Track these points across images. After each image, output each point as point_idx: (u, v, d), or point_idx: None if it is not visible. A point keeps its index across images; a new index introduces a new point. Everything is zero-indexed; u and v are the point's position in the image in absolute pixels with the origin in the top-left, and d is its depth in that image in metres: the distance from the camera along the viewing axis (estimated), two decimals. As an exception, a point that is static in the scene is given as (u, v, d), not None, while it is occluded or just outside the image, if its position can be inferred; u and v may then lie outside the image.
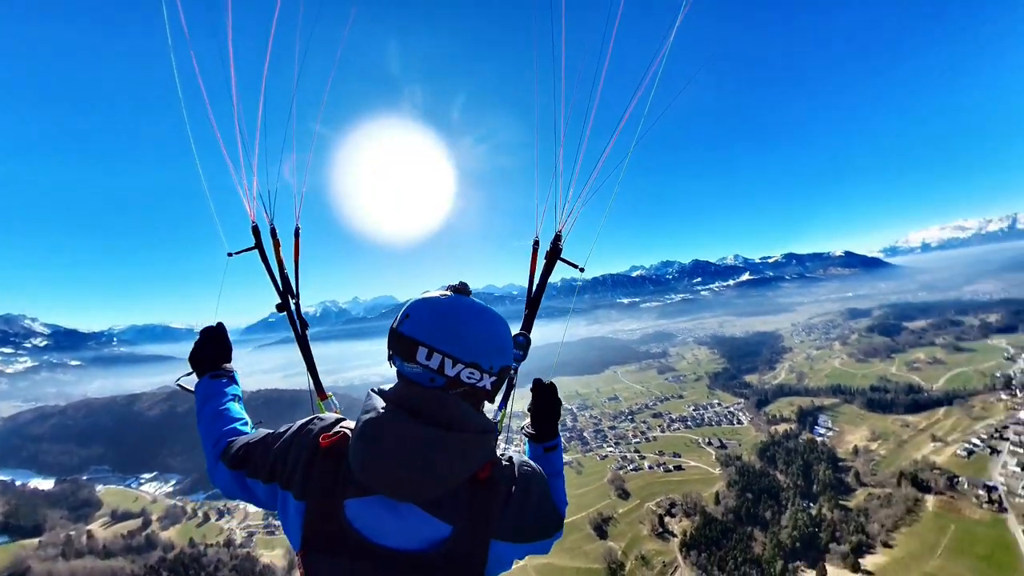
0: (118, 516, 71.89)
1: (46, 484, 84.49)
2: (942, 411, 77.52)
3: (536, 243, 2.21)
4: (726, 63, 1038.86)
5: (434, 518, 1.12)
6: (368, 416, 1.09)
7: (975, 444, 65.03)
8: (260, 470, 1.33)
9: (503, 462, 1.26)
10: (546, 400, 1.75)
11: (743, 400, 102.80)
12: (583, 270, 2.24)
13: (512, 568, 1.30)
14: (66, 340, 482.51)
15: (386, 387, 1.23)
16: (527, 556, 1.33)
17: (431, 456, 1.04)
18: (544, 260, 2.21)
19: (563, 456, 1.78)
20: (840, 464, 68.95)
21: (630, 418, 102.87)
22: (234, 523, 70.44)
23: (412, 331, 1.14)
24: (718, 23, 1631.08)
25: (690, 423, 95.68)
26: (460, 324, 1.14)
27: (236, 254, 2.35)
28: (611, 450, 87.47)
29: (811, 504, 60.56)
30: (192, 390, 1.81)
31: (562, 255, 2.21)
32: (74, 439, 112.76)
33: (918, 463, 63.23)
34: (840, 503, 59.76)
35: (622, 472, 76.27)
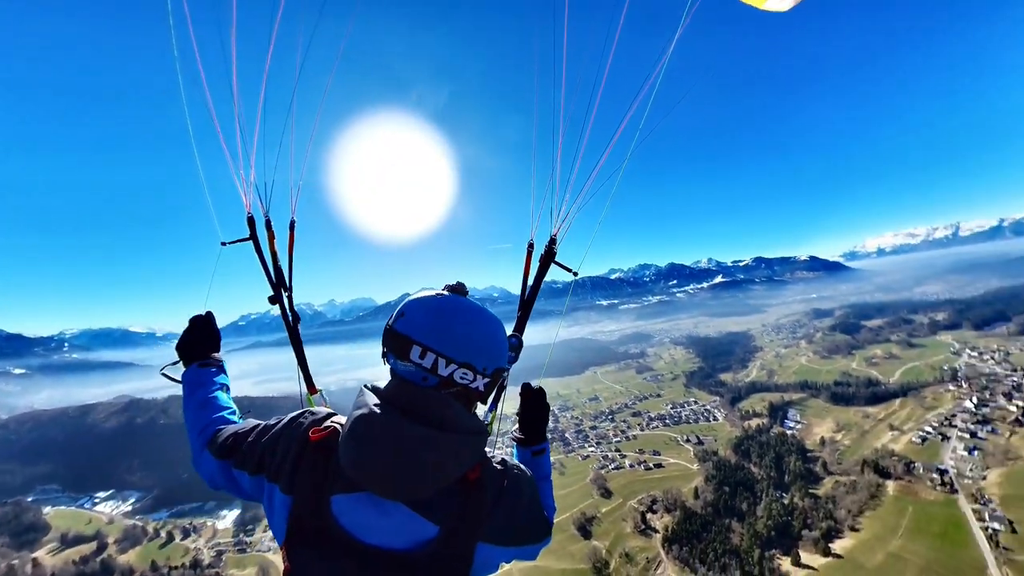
0: (68, 540, 66.51)
1: (-16, 507, 77.71)
2: (898, 402, 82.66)
3: (531, 246, 2.21)
4: (698, 77, 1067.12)
5: (421, 518, 1.10)
6: (360, 412, 1.07)
7: (928, 432, 69.73)
8: (247, 461, 1.31)
9: (493, 464, 1.25)
10: (534, 405, 1.76)
11: (718, 398, 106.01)
12: (576, 274, 2.27)
13: (498, 571, 1.27)
14: (8, 346, 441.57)
15: (379, 384, 1.20)
16: (513, 560, 1.31)
17: (422, 455, 1.02)
18: (538, 263, 2.22)
19: (550, 460, 1.79)
20: (809, 455, 72.14)
21: (610, 418, 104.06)
22: (201, 542, 66.52)
23: (407, 329, 1.12)
24: (702, 39, 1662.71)
25: (668, 421, 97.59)
26: (455, 324, 1.13)
27: (230, 244, 2.32)
28: (593, 450, 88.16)
29: (784, 494, 62.97)
30: (178, 379, 1.78)
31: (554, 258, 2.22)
32: (18, 456, 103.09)
33: (878, 451, 67.11)
34: (810, 492, 62.51)
35: (604, 471, 76.96)
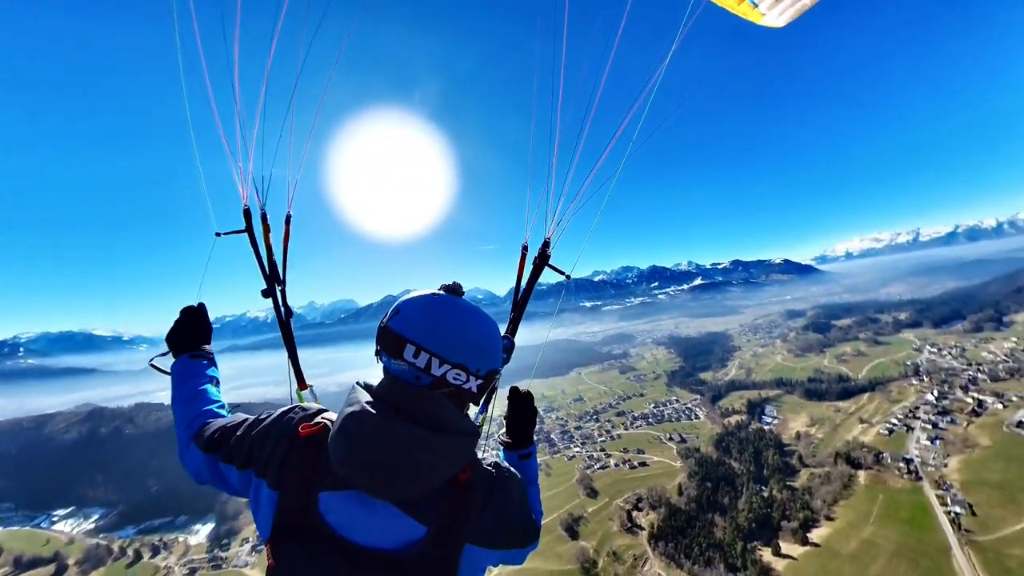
0: (23, 564, 61.87)
1: (-73, 530, 71.83)
2: (866, 397, 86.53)
3: (525, 248, 2.23)
4: (688, 89, 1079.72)
5: (409, 518, 1.09)
6: (351, 409, 1.06)
7: (894, 424, 73.30)
8: (235, 455, 1.29)
9: (483, 466, 1.24)
10: (522, 408, 1.76)
11: (699, 396, 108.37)
12: (569, 277, 2.29)
13: (485, 575, 1.26)
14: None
15: (372, 382, 1.18)
16: (500, 564, 1.30)
17: (413, 455, 1.01)
18: (532, 265, 2.22)
19: (537, 464, 1.78)
20: (785, 449, 74.60)
21: (595, 418, 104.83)
22: (173, 559, 63.19)
23: (401, 328, 1.11)
24: (694, 52, 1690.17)
25: (651, 420, 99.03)
26: (449, 324, 1.12)
27: (225, 235, 2.27)
28: (578, 450, 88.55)
29: (763, 487, 64.80)
30: (167, 371, 1.74)
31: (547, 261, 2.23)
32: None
33: (850, 443, 70.09)
34: (787, 484, 64.56)
35: (589, 471, 77.41)
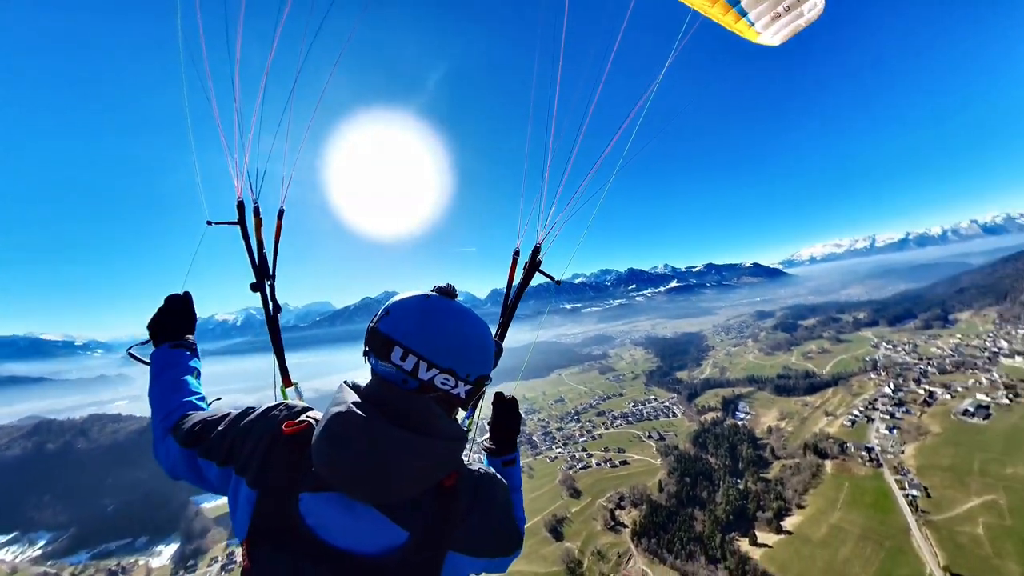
0: (-42, 596, 56.57)
1: None
2: (831, 391, 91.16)
3: (516, 254, 2.23)
4: (676, 106, 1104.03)
5: (392, 523, 1.05)
6: (337, 410, 1.02)
7: (856, 415, 77.59)
8: (216, 451, 1.24)
9: (469, 472, 1.21)
10: (507, 414, 1.76)
11: (676, 394, 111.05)
12: (560, 283, 2.31)
13: None
14: None
15: (360, 382, 1.14)
16: (483, 573, 1.26)
17: (399, 459, 0.98)
18: (523, 271, 2.25)
19: (520, 471, 1.78)
20: (758, 442, 77.55)
21: (576, 418, 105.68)
22: (132, 586, 58.93)
23: (389, 329, 1.08)
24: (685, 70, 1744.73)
25: (631, 419, 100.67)
26: (439, 327, 1.09)
27: (216, 224, 2.22)
28: (560, 451, 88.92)
29: (738, 480, 67.06)
30: (146, 360, 1.68)
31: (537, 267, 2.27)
32: None
33: (817, 435, 73.66)
34: (761, 476, 67.06)
35: (572, 472, 77.85)
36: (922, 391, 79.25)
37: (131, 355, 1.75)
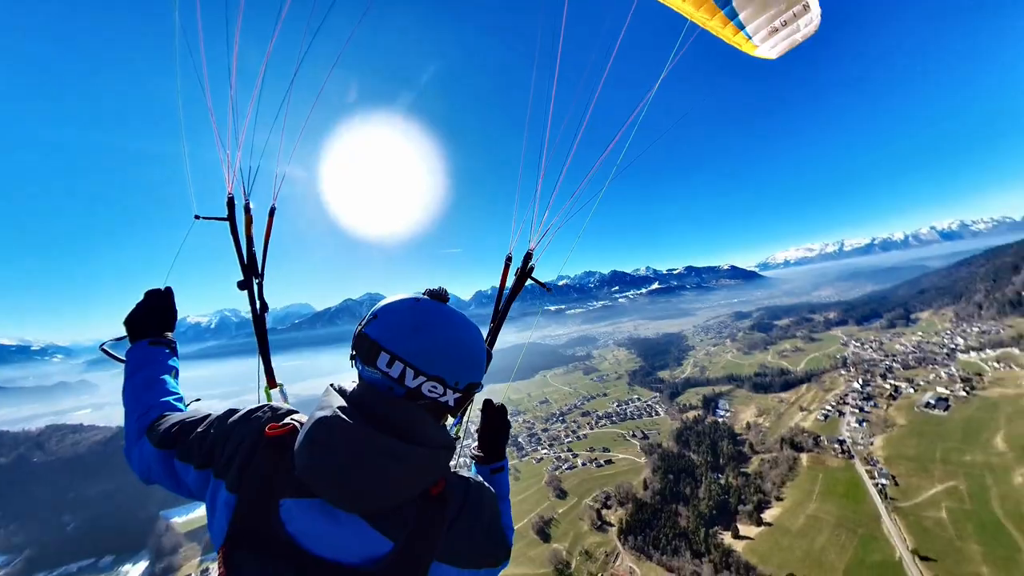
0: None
1: None
2: (804, 387, 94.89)
3: (508, 259, 2.21)
4: (667, 117, 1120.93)
5: (375, 531, 1.00)
6: (322, 414, 0.98)
7: (828, 410, 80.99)
8: (194, 453, 1.17)
9: (457, 480, 1.17)
10: (496, 422, 1.74)
11: (658, 394, 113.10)
12: (551, 291, 2.33)
13: None
14: None
15: (347, 386, 1.09)
16: None
17: (386, 467, 0.94)
18: (514, 277, 2.24)
19: (509, 482, 1.74)
20: (738, 438, 79.74)
21: (561, 419, 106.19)
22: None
23: (376, 334, 1.04)
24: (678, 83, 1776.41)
25: (615, 419, 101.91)
26: (429, 333, 1.04)
27: (205, 219, 2.17)
28: (546, 452, 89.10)
29: (720, 475, 68.77)
30: (121, 358, 1.58)
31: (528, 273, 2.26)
32: None
33: (792, 429, 76.45)
34: (741, 471, 69.03)
35: (558, 472, 78.14)
36: (888, 386, 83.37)
37: (104, 351, 1.64)
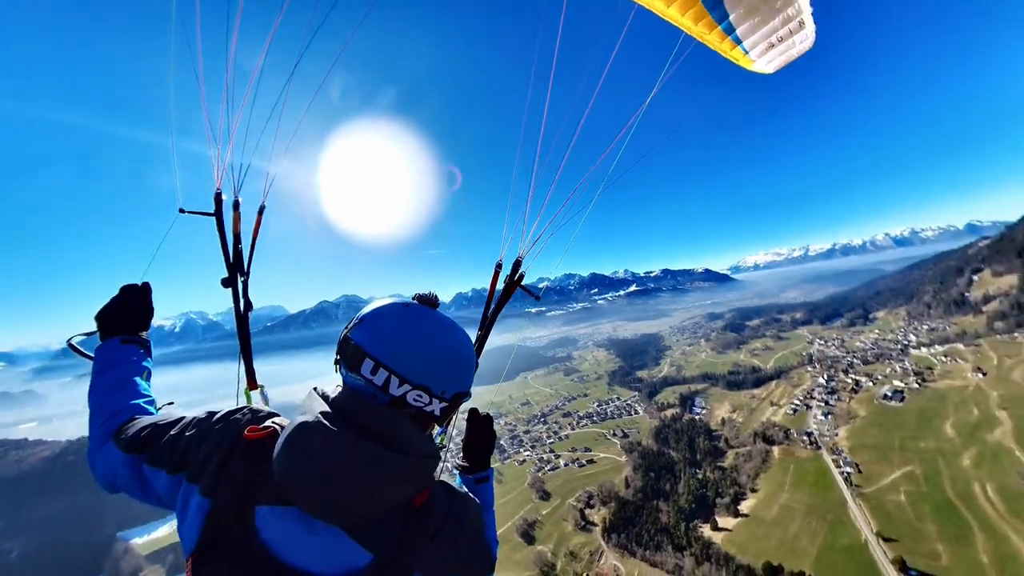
0: None
1: None
2: (774, 383, 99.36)
3: (498, 266, 2.21)
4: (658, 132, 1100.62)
5: (354, 543, 0.95)
6: (303, 419, 0.93)
7: (796, 404, 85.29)
8: (166, 457, 1.09)
9: (442, 489, 1.13)
10: (481, 432, 1.72)
11: (637, 393, 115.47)
12: (539, 298, 2.35)
13: None
14: None
15: (331, 390, 1.03)
16: None
17: (368, 476, 0.89)
18: (503, 284, 2.21)
19: (494, 490, 1.70)
20: (714, 434, 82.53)
21: (543, 420, 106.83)
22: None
23: (361, 339, 1.00)
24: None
25: (596, 418, 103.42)
26: (416, 340, 1.00)
27: (190, 213, 2.11)
28: (528, 454, 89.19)
29: (698, 471, 70.82)
30: (89, 355, 1.46)
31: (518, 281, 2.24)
32: None
33: (764, 424, 79.87)
34: (718, 465, 71.35)
35: (541, 474, 78.35)
36: (850, 380, 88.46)
37: (71, 346, 1.52)
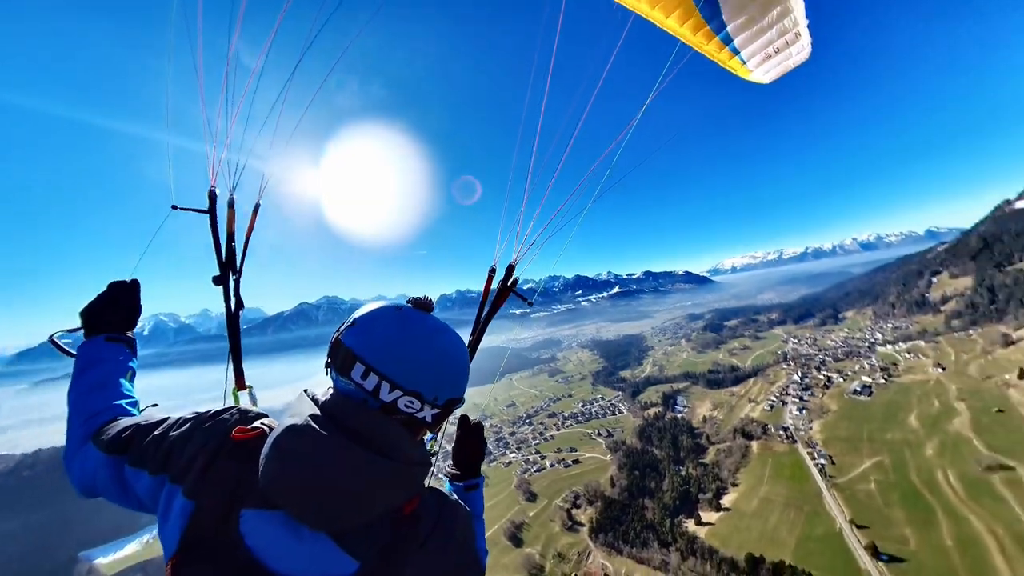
0: None
1: None
2: (752, 381, 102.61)
3: (492, 270, 2.21)
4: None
5: (340, 550, 0.91)
6: (293, 422, 0.90)
7: (773, 400, 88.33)
8: (149, 458, 1.05)
9: (432, 496, 1.10)
10: (472, 439, 1.69)
11: (621, 392, 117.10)
12: (531, 304, 2.33)
13: None
14: None
15: (321, 393, 0.99)
16: None
17: (357, 482, 0.87)
18: (496, 289, 2.23)
19: (483, 497, 1.66)
20: (695, 431, 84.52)
21: (528, 422, 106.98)
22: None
23: (353, 343, 0.96)
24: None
25: (580, 419, 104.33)
26: (409, 345, 0.96)
27: (183, 210, 2.05)
28: (514, 455, 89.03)
29: (681, 467, 72.30)
30: (72, 352, 1.40)
31: (511, 286, 2.25)
32: None
33: (743, 420, 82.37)
34: (700, 462, 73.02)
35: (527, 475, 78.30)
36: (822, 376, 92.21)
37: (53, 343, 1.45)
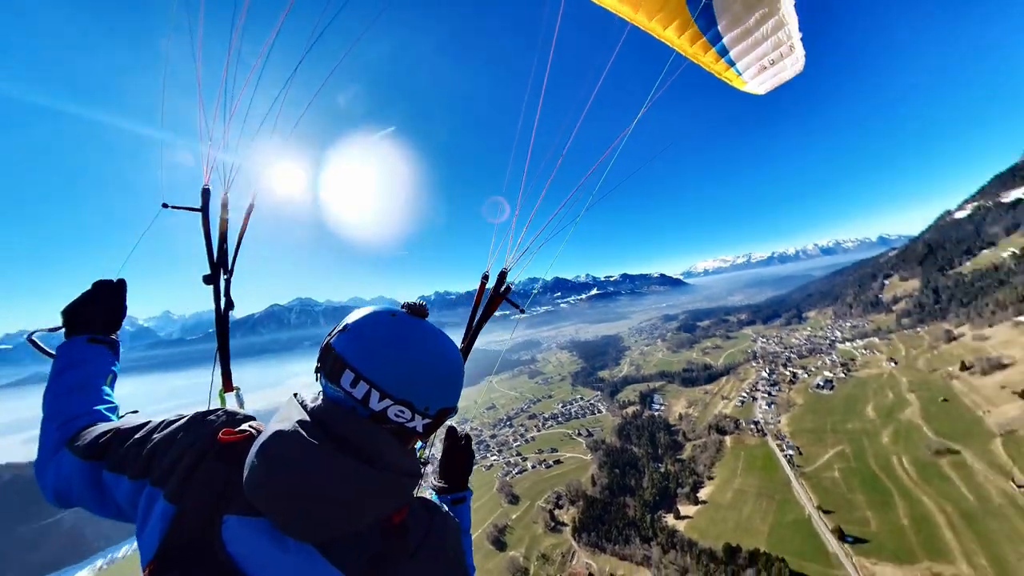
0: None
1: None
2: (724, 379, 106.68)
3: (485, 277, 2.22)
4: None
5: (325, 561, 0.85)
6: (280, 427, 0.86)
7: (744, 397, 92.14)
8: (129, 463, 1.00)
9: (422, 506, 1.05)
10: (460, 452, 1.66)
11: (599, 392, 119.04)
12: (523, 311, 2.36)
13: None
14: None
15: (310, 398, 0.96)
16: None
17: (344, 491, 0.83)
18: (488, 297, 2.24)
19: (470, 511, 1.61)
20: (672, 429, 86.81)
21: (508, 424, 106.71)
22: None
23: (343, 348, 0.92)
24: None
25: (560, 419, 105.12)
26: (401, 352, 0.92)
27: (174, 208, 2.03)
28: (495, 458, 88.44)
29: (659, 464, 74.02)
30: (49, 351, 1.35)
31: (502, 292, 2.26)
32: None
33: (717, 416, 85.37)
34: (677, 458, 75.02)
35: (509, 478, 77.90)
36: (788, 373, 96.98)
37: (32, 342, 1.37)
